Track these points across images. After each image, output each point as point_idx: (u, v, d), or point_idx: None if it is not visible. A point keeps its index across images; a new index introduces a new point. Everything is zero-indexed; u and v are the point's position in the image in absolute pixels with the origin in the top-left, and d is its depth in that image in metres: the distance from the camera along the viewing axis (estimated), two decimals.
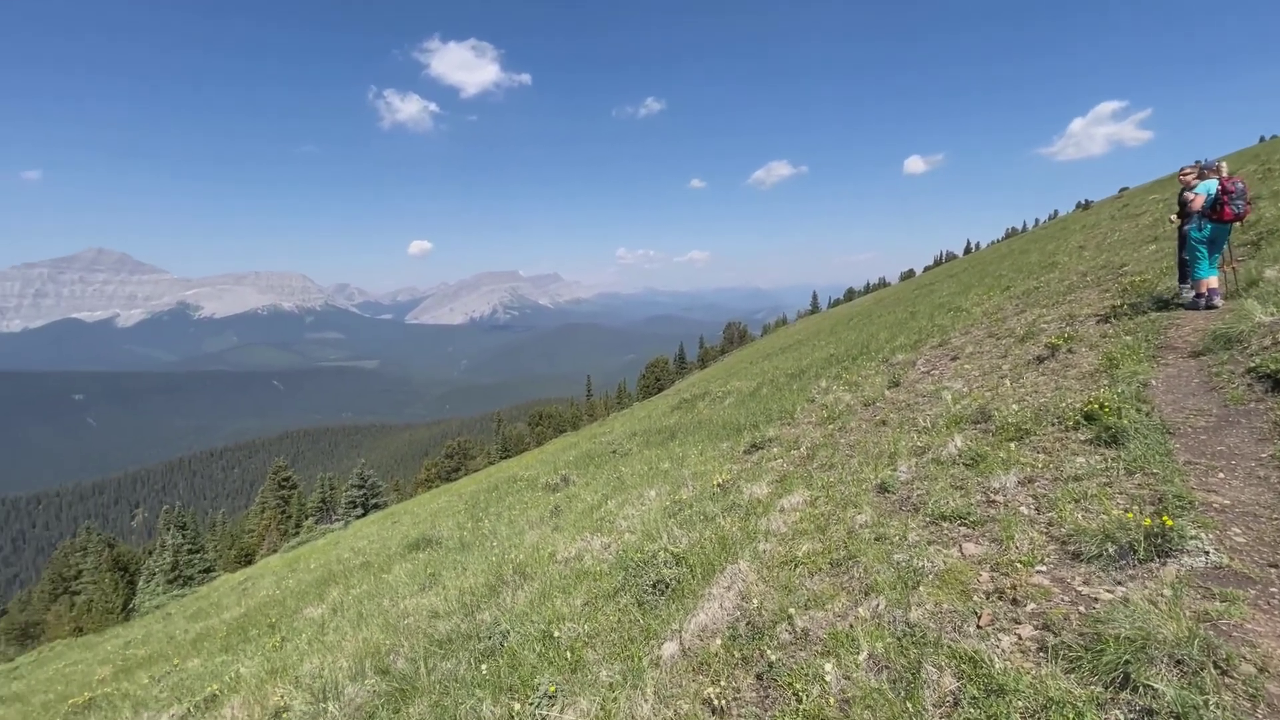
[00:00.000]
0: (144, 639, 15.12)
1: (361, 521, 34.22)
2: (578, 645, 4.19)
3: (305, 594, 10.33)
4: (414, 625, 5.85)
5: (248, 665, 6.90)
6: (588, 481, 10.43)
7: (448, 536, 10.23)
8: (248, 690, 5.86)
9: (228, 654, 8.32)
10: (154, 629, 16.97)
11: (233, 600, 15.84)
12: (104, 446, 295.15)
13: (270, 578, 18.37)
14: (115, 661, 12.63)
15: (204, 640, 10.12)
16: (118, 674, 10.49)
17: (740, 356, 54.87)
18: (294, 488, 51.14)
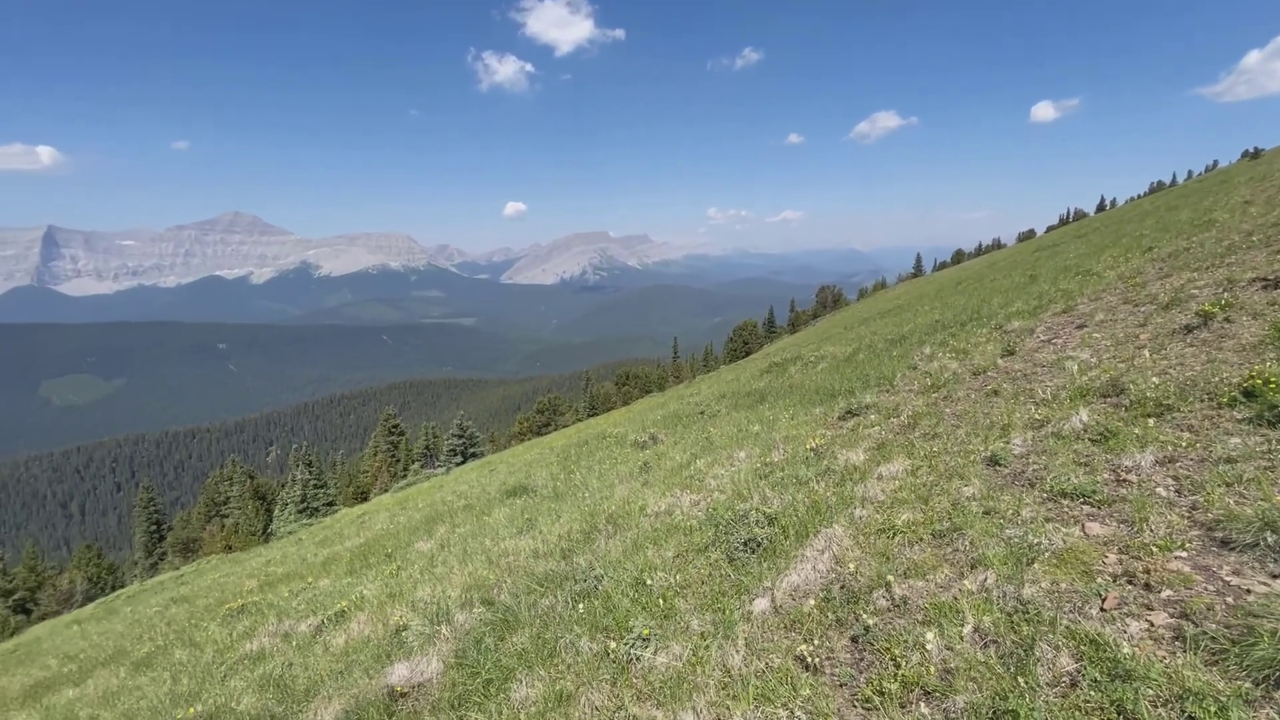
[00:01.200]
0: (281, 559, 17.14)
1: (461, 468, 36.65)
2: (669, 594, 4.32)
3: (416, 530, 11.28)
4: (514, 564, 6.26)
5: (369, 588, 7.67)
6: (676, 441, 10.56)
7: (542, 486, 10.75)
8: (371, 609, 6.53)
9: (352, 577, 9.29)
10: (288, 551, 19.19)
11: (352, 531, 17.56)
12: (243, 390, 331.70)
13: (384, 514, 20.18)
14: (259, 576, 14.44)
15: (331, 564, 11.34)
16: (262, 586, 12.00)
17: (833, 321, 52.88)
18: (401, 434, 55.39)
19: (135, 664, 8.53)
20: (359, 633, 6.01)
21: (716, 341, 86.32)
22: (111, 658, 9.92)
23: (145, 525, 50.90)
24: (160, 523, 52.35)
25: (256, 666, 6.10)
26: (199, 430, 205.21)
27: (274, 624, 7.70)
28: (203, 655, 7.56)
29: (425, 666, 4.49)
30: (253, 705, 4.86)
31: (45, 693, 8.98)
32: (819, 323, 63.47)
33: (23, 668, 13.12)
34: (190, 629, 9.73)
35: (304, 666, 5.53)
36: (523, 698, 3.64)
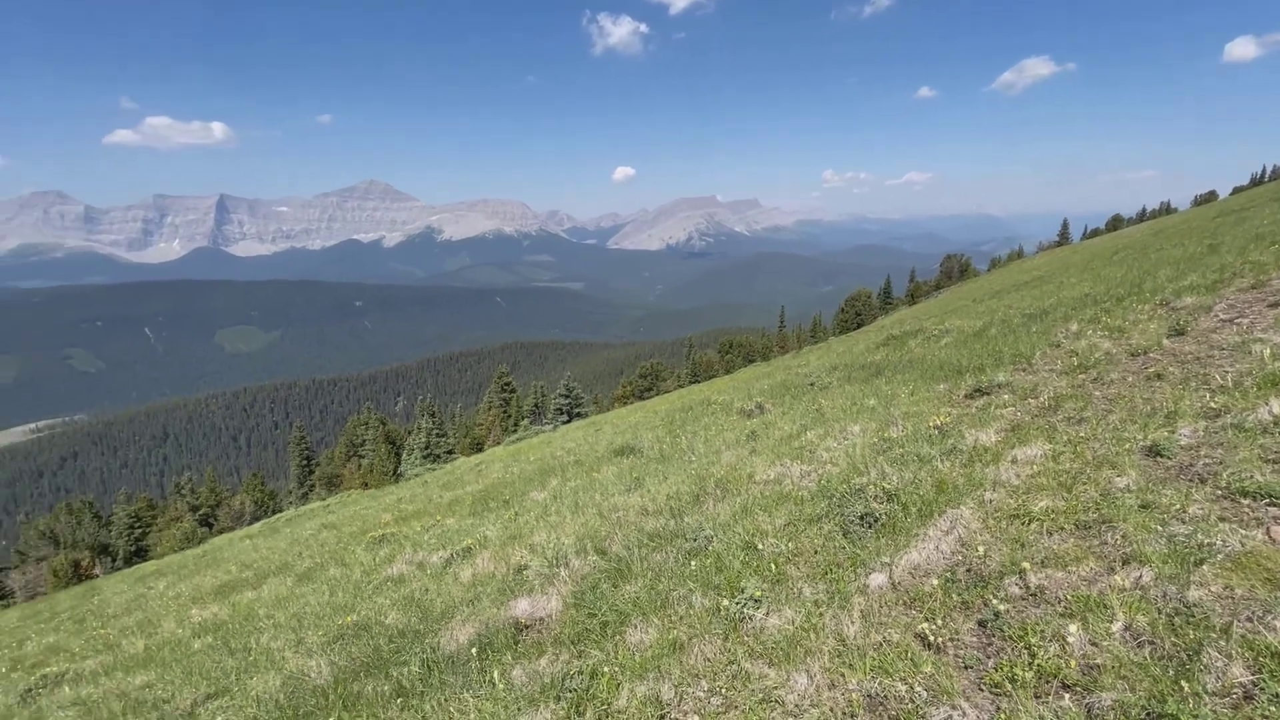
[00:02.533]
0: (410, 498, 18.96)
1: (567, 427, 38.31)
2: (780, 560, 4.35)
3: (530, 480, 12.02)
4: (624, 519, 6.53)
5: (491, 529, 8.33)
6: (784, 411, 10.39)
7: (648, 447, 11.04)
8: (494, 548, 7.11)
9: (474, 518, 10.12)
10: (416, 492, 21.16)
11: (471, 478, 19.02)
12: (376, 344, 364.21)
13: (498, 464, 21.63)
14: (393, 511, 16.09)
15: (455, 506, 12.40)
16: (397, 520, 13.37)
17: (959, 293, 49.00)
18: (513, 392, 58.62)
19: (299, 576, 9.88)
20: (483, 568, 6.57)
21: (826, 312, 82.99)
22: (279, 569, 11.54)
23: (298, 460, 57.94)
24: (309, 458, 59.37)
25: (398, 588, 6.87)
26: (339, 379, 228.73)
27: (410, 554, 8.59)
28: (352, 574, 8.61)
29: (546, 604, 4.85)
30: (398, 620, 5.50)
31: (230, 592, 10.65)
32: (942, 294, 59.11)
33: (211, 570, 15.59)
34: (340, 551, 11.08)
35: (438, 593, 6.15)
36: (638, 641, 3.84)
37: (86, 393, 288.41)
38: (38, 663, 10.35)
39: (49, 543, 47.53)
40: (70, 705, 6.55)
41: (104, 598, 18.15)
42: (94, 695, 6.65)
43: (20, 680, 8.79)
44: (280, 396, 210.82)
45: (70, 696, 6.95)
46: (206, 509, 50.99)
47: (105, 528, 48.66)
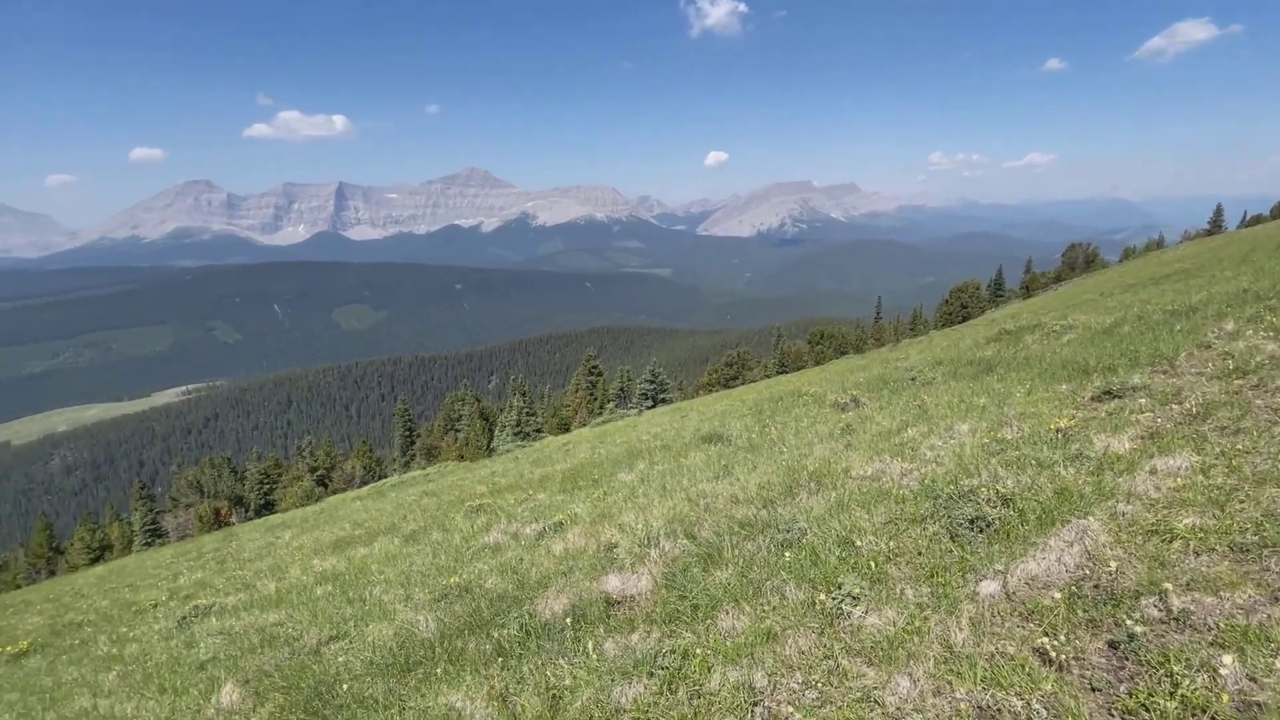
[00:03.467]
0: (503, 472, 19.90)
1: (651, 412, 38.68)
2: (879, 559, 4.19)
3: (617, 462, 12.27)
4: (713, 505, 6.53)
5: (581, 507, 8.58)
6: (882, 406, 9.95)
7: (736, 436, 10.94)
8: (584, 525, 7.32)
9: (564, 495, 10.47)
10: (508, 466, 22.17)
11: (559, 456, 19.66)
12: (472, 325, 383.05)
13: (585, 445, 22.22)
14: (487, 484, 16.95)
15: (545, 482, 12.88)
16: (491, 492, 14.08)
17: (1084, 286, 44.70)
18: (600, 375, 59.83)
19: (405, 537, 10.65)
20: (574, 543, 6.80)
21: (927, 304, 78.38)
22: (387, 529, 12.50)
23: (401, 430, 62.24)
24: (412, 429, 63.60)
25: (495, 556, 7.25)
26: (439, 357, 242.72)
27: (504, 524, 9.02)
28: (452, 539, 9.17)
29: (636, 583, 4.95)
30: (496, 585, 5.81)
31: (346, 547, 11.66)
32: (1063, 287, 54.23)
33: (328, 526, 17.14)
34: (441, 517, 11.83)
35: (532, 563, 6.43)
36: (729, 627, 3.85)
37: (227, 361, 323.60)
38: (189, 595, 11.84)
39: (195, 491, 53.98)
40: (217, 634, 7.45)
41: (240, 543, 20.43)
42: (235, 627, 7.51)
43: (176, 609, 10.10)
44: (387, 371, 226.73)
45: (216, 626, 7.91)
46: (323, 470, 55.97)
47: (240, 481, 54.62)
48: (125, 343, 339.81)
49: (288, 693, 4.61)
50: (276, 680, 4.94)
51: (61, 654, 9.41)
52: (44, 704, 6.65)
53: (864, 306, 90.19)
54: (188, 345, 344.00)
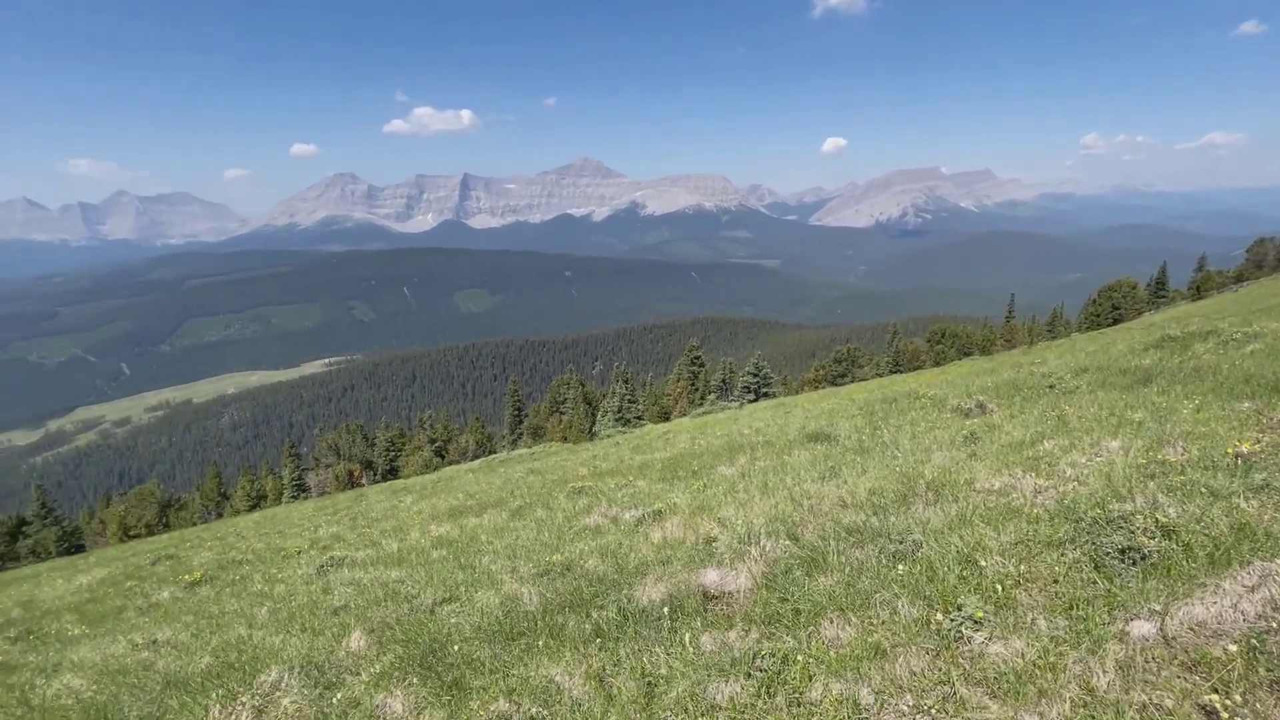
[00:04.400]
0: (604, 456, 20.40)
1: (753, 406, 38.00)
2: (1006, 582, 3.83)
3: (717, 455, 12.16)
4: (817, 507, 6.28)
5: (680, 497, 8.59)
6: (1013, 414, 9.09)
7: (844, 436, 10.46)
8: (683, 516, 7.32)
9: (663, 484, 10.54)
10: (609, 451, 22.70)
11: (659, 445, 19.83)
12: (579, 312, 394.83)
13: (685, 435, 22.25)
14: (589, 466, 17.46)
15: (645, 469, 13.04)
16: (592, 475, 14.48)
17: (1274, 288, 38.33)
18: (702, 366, 59.60)
19: (511, 512, 11.22)
20: (672, 533, 6.81)
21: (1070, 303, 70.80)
22: (495, 503, 13.23)
23: (511, 410, 65.61)
24: (521, 409, 66.88)
25: (595, 538, 7.44)
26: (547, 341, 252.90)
27: (605, 508, 9.23)
28: (555, 518, 9.53)
29: (735, 579, 4.87)
30: (596, 567, 5.96)
31: (459, 516, 12.48)
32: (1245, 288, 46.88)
33: (444, 495, 18.44)
34: (545, 496, 12.33)
35: (630, 548, 6.52)
36: (833, 637, 3.68)
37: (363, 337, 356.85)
38: (326, 546, 13.20)
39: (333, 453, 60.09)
40: (348, 584, 8.24)
41: (368, 503, 22.52)
42: (364, 580, 8.28)
43: (316, 558, 11.30)
44: (500, 353, 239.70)
45: (348, 577, 8.75)
46: (440, 442, 60.28)
47: (370, 447, 60.13)
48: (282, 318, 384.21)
49: (406, 646, 5.00)
50: (397, 633, 5.38)
51: (225, 587, 10.85)
52: (211, 628, 7.70)
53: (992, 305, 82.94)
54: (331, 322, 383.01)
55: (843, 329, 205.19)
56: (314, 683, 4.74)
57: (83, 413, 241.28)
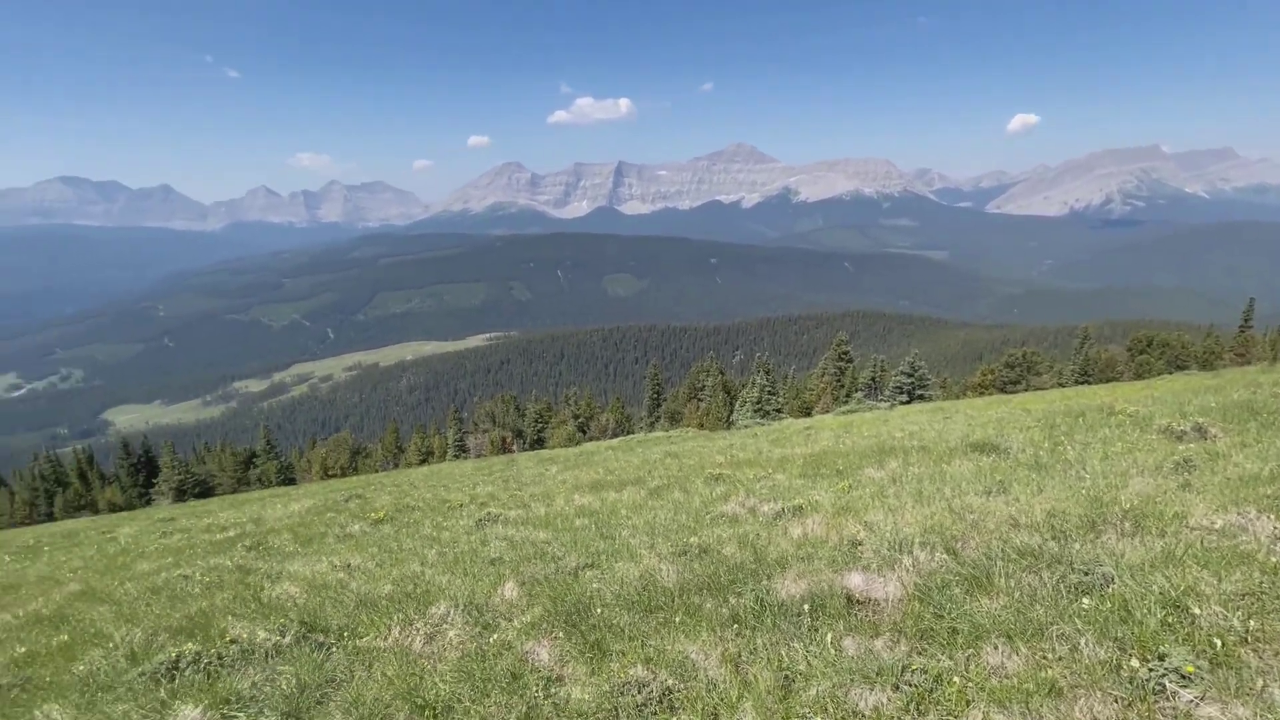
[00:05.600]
0: (741, 446, 20.23)
1: (906, 408, 35.37)
2: (1228, 637, 3.24)
3: (864, 456, 11.53)
4: (982, 524, 5.73)
5: (822, 495, 8.29)
6: (1245, 442, 7.58)
7: (1017, 449, 9.41)
8: (825, 515, 7.07)
9: (804, 480, 10.23)
10: (746, 442, 22.45)
11: (800, 440, 19.23)
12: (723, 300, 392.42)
13: (828, 432, 21.34)
14: (726, 455, 17.42)
15: (785, 464, 12.73)
16: (729, 464, 14.43)
17: None
18: (850, 361, 56.59)
19: (650, 491, 11.55)
20: (814, 531, 6.60)
21: None
22: (634, 481, 13.69)
23: (650, 393, 67.20)
24: (660, 393, 68.26)
25: (732, 526, 7.43)
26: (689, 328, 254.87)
27: (742, 497, 9.17)
28: (692, 501, 9.65)
29: (883, 586, 4.62)
30: (734, 554, 5.96)
31: (600, 489, 13.10)
32: None
33: (585, 468, 19.44)
34: (682, 479, 12.53)
35: (769, 540, 6.43)
36: (996, 664, 3.36)
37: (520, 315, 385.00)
38: (483, 503, 14.55)
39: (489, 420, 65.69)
40: (502, 539, 9.03)
41: (518, 469, 24.40)
42: (515, 537, 9.02)
43: (475, 512, 12.49)
44: (642, 337, 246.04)
45: (502, 533, 9.59)
46: (583, 419, 63.46)
47: (521, 417, 64.94)
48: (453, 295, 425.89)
49: (553, 602, 5.38)
50: (545, 589, 5.81)
51: (402, 527, 12.40)
52: (391, 561, 8.86)
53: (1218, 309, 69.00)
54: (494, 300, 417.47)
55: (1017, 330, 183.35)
56: (474, 621, 5.27)
57: (298, 368, 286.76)
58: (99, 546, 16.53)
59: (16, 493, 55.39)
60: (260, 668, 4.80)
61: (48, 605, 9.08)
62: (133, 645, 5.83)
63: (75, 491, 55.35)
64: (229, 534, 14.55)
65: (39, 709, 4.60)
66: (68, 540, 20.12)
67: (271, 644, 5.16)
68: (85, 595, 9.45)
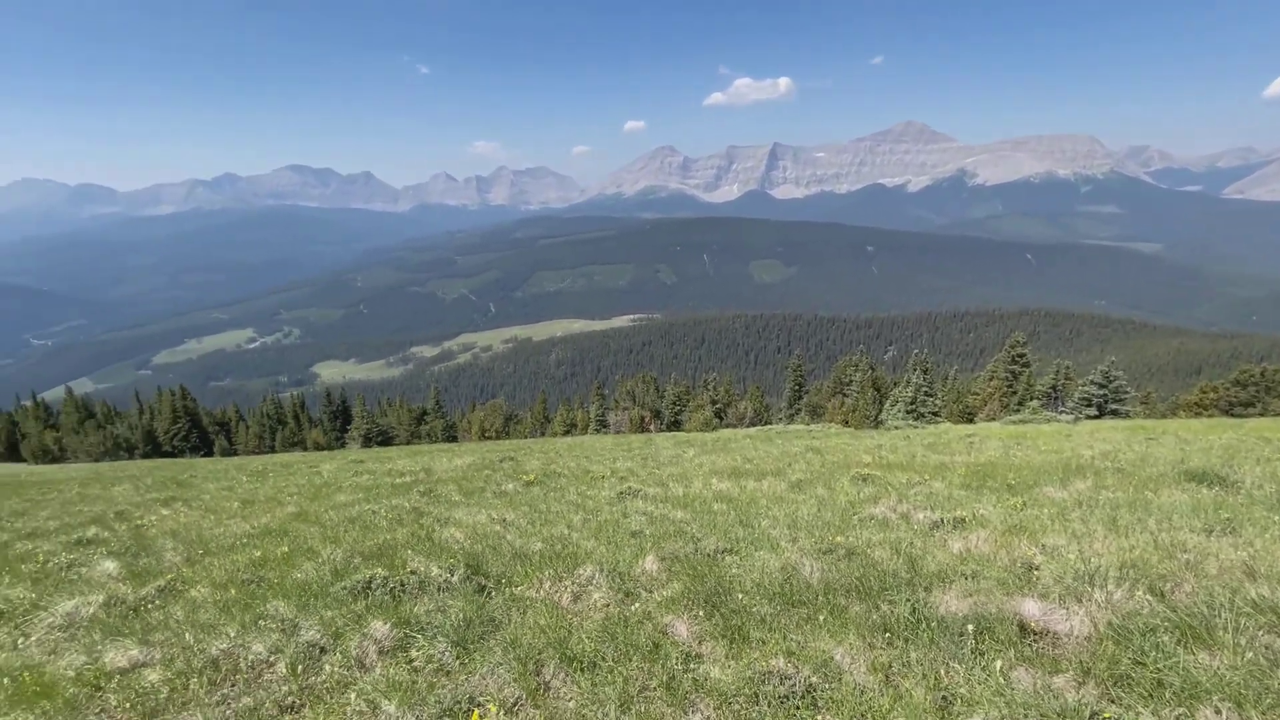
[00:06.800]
0: (891, 448, 18.94)
1: (1094, 423, 30.89)
2: None
3: (1043, 472, 10.26)
4: (1200, 566, 4.85)
5: (989, 510, 7.53)
6: None
7: (1251, 484, 7.82)
8: (993, 531, 6.40)
9: (965, 491, 9.34)
10: (898, 444, 20.98)
11: (961, 448, 17.57)
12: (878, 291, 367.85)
13: (995, 442, 19.27)
14: (874, 455, 16.42)
15: (943, 471, 11.71)
16: (878, 465, 13.59)
17: None
18: (1026, 366, 50.46)
19: (791, 484, 11.24)
20: (978, 547, 6.01)
21: None
22: (774, 472, 13.40)
23: (792, 384, 65.17)
24: (801, 385, 65.97)
25: (882, 530, 7.00)
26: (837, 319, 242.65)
27: (894, 501, 8.60)
28: (836, 499, 9.24)
29: (1065, 620, 4.09)
30: (885, 559, 5.62)
31: (739, 477, 13.01)
32: None
33: (722, 455, 19.38)
34: (825, 475, 12.03)
35: (925, 550, 5.97)
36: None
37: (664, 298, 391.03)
38: (623, 477, 15.10)
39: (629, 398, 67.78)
40: (641, 514, 9.32)
41: (656, 448, 24.95)
42: (654, 513, 9.26)
43: (616, 485, 13.02)
44: (786, 326, 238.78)
45: (641, 508, 9.89)
46: (721, 405, 63.26)
47: (660, 398, 66.25)
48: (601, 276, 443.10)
49: (693, 581, 5.46)
50: (685, 567, 5.91)
51: (550, 491, 13.27)
52: (541, 521, 9.53)
53: None
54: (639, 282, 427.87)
55: (1254, 341, 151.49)
56: (617, 588, 5.51)
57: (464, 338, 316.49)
58: (308, 478, 19.62)
59: (250, 426, 67.53)
60: (433, 599, 5.42)
61: (273, 520, 10.97)
62: (335, 563, 6.87)
63: (290, 430, 66.21)
64: (405, 479, 16.53)
65: (270, 603, 5.59)
66: (285, 470, 24.13)
67: (443, 580, 5.80)
68: (299, 516, 11.27)
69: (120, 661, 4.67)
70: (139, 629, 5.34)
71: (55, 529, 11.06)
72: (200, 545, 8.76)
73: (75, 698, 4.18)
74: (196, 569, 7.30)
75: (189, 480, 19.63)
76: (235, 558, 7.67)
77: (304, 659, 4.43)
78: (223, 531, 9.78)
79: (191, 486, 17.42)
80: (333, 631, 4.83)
